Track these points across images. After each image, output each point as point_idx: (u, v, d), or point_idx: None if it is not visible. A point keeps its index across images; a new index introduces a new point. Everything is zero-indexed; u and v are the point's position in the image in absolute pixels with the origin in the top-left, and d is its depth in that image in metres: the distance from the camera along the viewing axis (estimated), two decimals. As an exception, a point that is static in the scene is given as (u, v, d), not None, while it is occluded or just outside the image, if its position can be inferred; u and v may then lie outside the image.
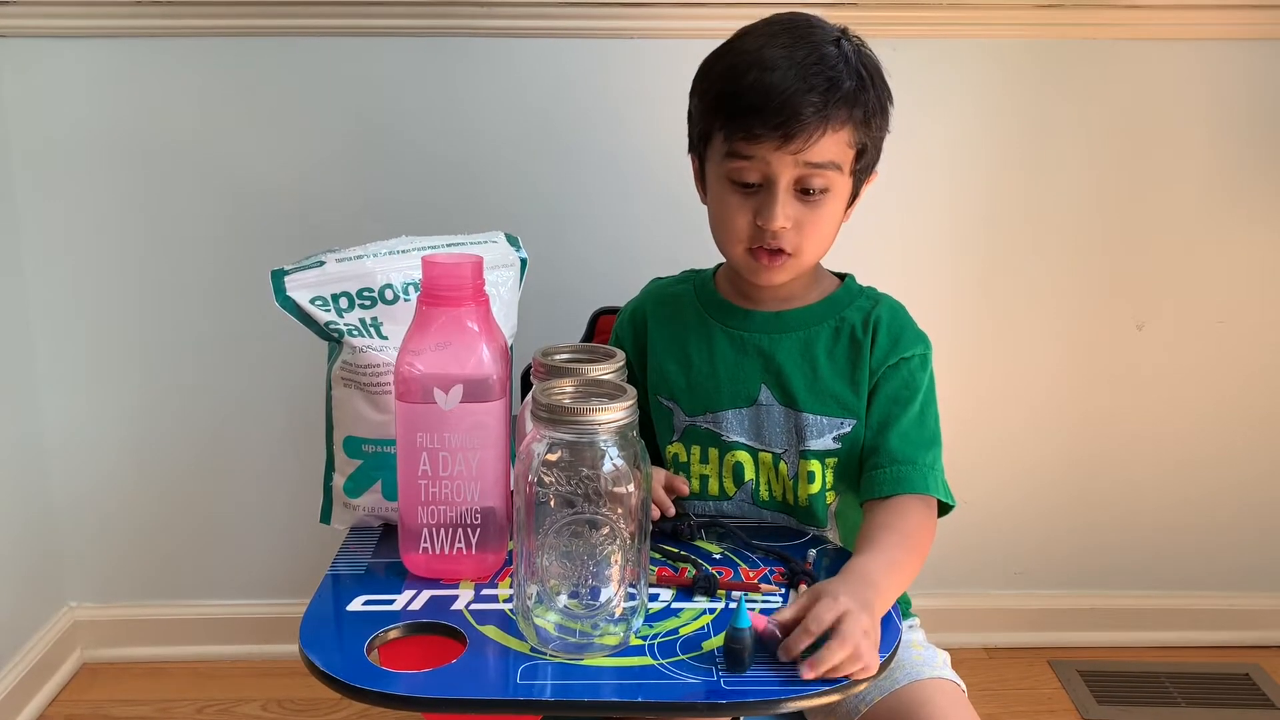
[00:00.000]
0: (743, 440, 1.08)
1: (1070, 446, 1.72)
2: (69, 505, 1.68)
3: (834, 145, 0.98)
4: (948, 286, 1.64)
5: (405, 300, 1.00)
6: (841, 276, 1.13)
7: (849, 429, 1.05)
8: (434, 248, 1.03)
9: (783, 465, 1.07)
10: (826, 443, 1.05)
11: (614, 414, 0.77)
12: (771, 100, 0.96)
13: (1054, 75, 1.55)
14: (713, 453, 1.09)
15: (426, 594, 0.89)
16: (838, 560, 0.98)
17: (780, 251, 1.01)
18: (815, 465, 1.06)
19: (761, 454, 1.07)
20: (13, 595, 1.59)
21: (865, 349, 1.06)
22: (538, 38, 1.51)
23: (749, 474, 1.08)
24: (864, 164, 1.03)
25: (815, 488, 1.06)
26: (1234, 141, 1.59)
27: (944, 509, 1.04)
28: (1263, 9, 1.51)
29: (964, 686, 1.02)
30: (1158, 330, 1.67)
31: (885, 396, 1.05)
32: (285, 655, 1.72)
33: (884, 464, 1.03)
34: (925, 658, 1.03)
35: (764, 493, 1.08)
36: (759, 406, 1.07)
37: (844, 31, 1.03)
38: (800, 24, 1.02)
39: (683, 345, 1.11)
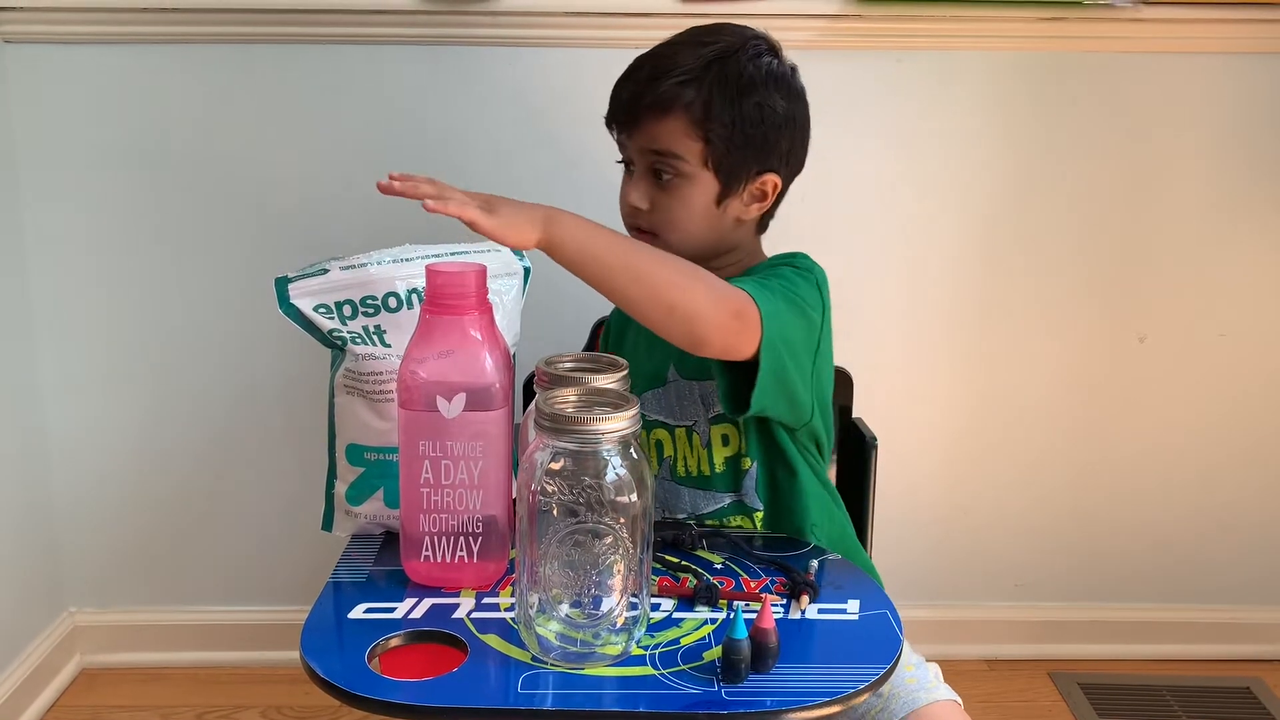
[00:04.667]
0: (660, 418, 1.13)
1: (1071, 459, 1.72)
2: (69, 510, 1.68)
3: (666, 135, 1.04)
4: (949, 298, 1.64)
5: (409, 308, 1.00)
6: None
7: None
8: (438, 256, 1.03)
9: (695, 437, 1.11)
10: None
11: (617, 423, 0.78)
12: (616, 92, 1.09)
13: (1056, 88, 1.56)
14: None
15: (428, 602, 0.89)
16: (841, 571, 0.98)
17: (645, 233, 1.09)
18: (729, 429, 1.09)
19: (677, 429, 1.12)
20: (12, 600, 1.59)
21: None
22: (545, 47, 1.51)
23: (667, 450, 1.13)
24: (718, 157, 1.04)
25: (730, 450, 1.09)
26: (1236, 154, 1.59)
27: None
28: (1264, 23, 1.52)
29: (959, 700, 1.01)
30: (1159, 343, 1.66)
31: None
32: (285, 662, 1.72)
33: None
34: (919, 679, 1.02)
35: (680, 468, 1.12)
36: (669, 384, 1.12)
37: (747, 42, 1.05)
38: (700, 30, 1.09)
39: (627, 336, 1.20)
